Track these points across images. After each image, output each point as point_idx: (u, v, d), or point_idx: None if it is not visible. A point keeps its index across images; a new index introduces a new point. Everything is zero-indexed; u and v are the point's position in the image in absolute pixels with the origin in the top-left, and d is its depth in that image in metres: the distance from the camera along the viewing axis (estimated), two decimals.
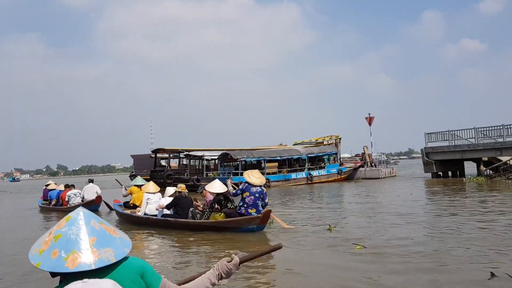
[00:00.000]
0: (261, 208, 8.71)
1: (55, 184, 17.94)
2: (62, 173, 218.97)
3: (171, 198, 10.01)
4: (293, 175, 28.32)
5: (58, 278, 1.61)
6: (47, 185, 17.93)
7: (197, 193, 10.65)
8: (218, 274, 2.05)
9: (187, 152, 29.66)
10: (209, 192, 9.21)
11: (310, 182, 28.35)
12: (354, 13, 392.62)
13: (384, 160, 40.88)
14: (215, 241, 7.94)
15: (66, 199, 15.10)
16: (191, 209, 9.47)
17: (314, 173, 29.17)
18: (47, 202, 16.96)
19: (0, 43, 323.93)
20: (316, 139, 35.75)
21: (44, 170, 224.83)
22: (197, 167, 33.34)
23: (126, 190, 13.40)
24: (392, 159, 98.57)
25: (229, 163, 30.39)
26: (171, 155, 32.29)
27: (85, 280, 1.33)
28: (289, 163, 29.20)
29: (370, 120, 34.09)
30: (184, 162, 35.28)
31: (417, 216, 10.36)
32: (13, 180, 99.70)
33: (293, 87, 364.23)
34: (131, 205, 12.31)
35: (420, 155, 31.05)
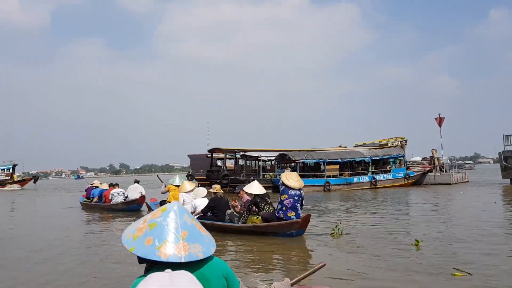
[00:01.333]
0: (300, 212, 8.35)
1: (100, 183, 18.44)
2: (124, 172, 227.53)
3: (204, 200, 9.63)
4: (356, 179, 26.45)
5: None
6: (92, 184, 18.41)
7: (234, 193, 10.24)
8: None
9: (243, 152, 28.61)
10: (246, 193, 8.91)
11: (374, 186, 26.36)
12: (415, 12, 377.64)
13: (456, 164, 37.54)
14: (253, 246, 7.60)
15: (110, 197, 15.47)
16: (228, 211, 9.17)
17: (379, 177, 27.10)
18: (89, 200, 17.37)
19: (68, 46, 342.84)
20: (379, 141, 33.47)
21: (107, 168, 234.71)
22: (253, 168, 32.25)
23: (165, 187, 13.17)
24: (467, 163, 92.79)
25: (287, 165, 28.99)
26: (227, 155, 31.43)
27: (168, 270, 1.34)
28: (351, 166, 27.32)
29: (440, 121, 31.37)
30: (240, 163, 34.37)
31: None
32: (78, 177, 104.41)
33: (349, 88, 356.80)
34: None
35: (488, 160, 28.04)
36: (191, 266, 1.63)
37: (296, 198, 8.28)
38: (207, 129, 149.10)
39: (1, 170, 47.20)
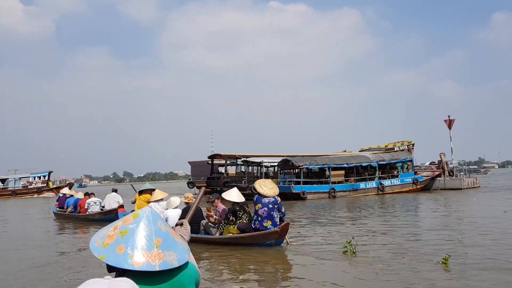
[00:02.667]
0: (277, 220, 8.03)
1: (75, 192, 17.79)
2: (128, 180, 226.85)
3: (177, 211, 8.91)
4: (362, 185, 25.36)
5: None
6: (63, 193, 17.87)
7: (208, 202, 9.75)
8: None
9: (245, 158, 27.55)
10: (226, 200, 8.44)
11: (381, 192, 25.28)
12: (418, 19, 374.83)
13: (466, 168, 36.09)
14: (229, 257, 7.39)
15: (86, 207, 14.88)
16: (203, 221, 8.79)
17: (386, 182, 25.99)
18: (63, 209, 16.72)
19: (72, 56, 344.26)
20: (386, 145, 32.34)
21: (111, 176, 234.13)
22: (255, 174, 31.17)
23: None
24: (483, 167, 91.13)
25: (290, 171, 27.95)
26: (228, 162, 30.43)
27: (108, 277, 1.29)
28: (356, 172, 26.23)
29: (450, 123, 30.30)
30: (242, 169, 33.38)
31: None
32: (80, 186, 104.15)
33: (353, 95, 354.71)
34: None
35: (492, 165, 26.93)
36: (166, 274, 1.58)
37: (271, 206, 7.96)
38: (211, 136, 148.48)
39: (38, 177, 47.20)
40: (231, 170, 34.97)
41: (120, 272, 1.54)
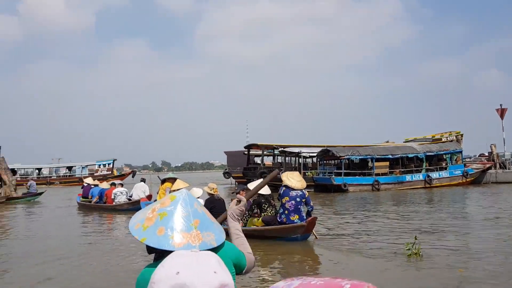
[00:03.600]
0: (304, 214, 7.77)
1: (99, 182, 17.80)
2: (165, 169, 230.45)
3: (199, 200, 7.41)
4: (408, 177, 23.75)
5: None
6: (87, 183, 17.55)
7: (232, 194, 9.34)
8: (233, 218, 2.10)
9: (282, 148, 26.40)
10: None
11: (428, 185, 23.58)
12: (460, 5, 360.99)
13: None
14: (254, 250, 5.31)
15: (112, 197, 14.68)
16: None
17: (434, 175, 24.25)
18: (87, 199, 16.54)
19: (111, 47, 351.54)
20: (432, 135, 30.49)
21: (150, 166, 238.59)
22: (293, 165, 30.04)
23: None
24: None
25: (330, 161, 26.67)
26: (265, 152, 29.43)
27: (194, 250, 1.31)
28: (402, 163, 24.64)
29: (502, 112, 28.15)
30: (279, 160, 32.30)
31: None
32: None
33: (391, 84, 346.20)
34: None
35: None
36: None
37: (298, 199, 7.68)
38: (246, 127, 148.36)
39: (103, 165, 48.06)
40: (268, 160, 34.03)
41: (160, 253, 1.54)
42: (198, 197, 8.74)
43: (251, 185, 8.06)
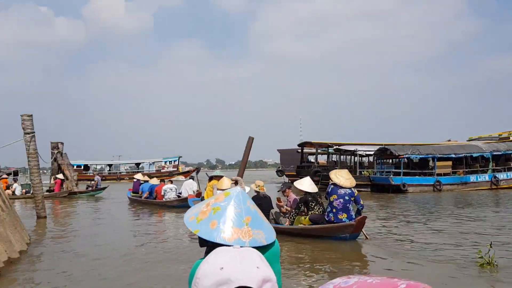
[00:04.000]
0: (353, 213, 7.53)
1: (149, 178, 18.18)
2: (220, 167, 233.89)
3: None
4: (472, 178, 22.30)
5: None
6: (137, 179, 18.04)
7: (278, 192, 9.21)
8: None
9: (337, 146, 25.67)
10: (298, 188, 7.97)
11: (495, 187, 22.02)
12: None
13: None
14: (300, 248, 7.08)
15: (162, 193, 14.95)
16: (272, 210, 8.50)
17: (501, 175, 22.61)
18: (137, 194, 16.98)
19: (169, 47, 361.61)
20: (499, 134, 28.62)
21: (204, 163, 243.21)
22: (348, 164, 29.21)
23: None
24: None
25: (388, 160, 25.66)
26: (318, 150, 28.82)
27: (236, 246, 1.29)
28: (466, 163, 23.20)
29: None
30: (333, 158, 31.55)
31: None
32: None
33: (451, 81, 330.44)
34: None
35: None
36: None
37: (347, 198, 7.48)
38: (300, 125, 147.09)
39: (169, 162, 49.59)
40: (322, 159, 33.36)
41: (211, 247, 1.53)
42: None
43: (298, 184, 7.99)
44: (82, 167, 47.82)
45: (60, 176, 23.51)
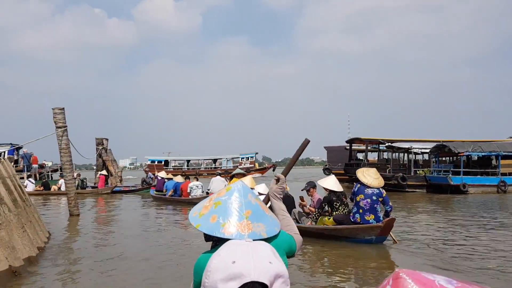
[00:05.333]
0: (380, 215, 7.10)
1: (171, 175, 18.03)
2: (266, 164, 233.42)
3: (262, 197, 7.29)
4: None
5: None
6: (161, 176, 17.75)
7: (302, 191, 8.68)
8: (275, 197, 2.13)
9: (390, 143, 23.91)
10: (323, 187, 7.65)
11: None
12: None
13: None
14: (324, 250, 6.69)
15: (188, 191, 14.88)
16: (295, 210, 8.28)
17: None
18: (161, 192, 16.76)
19: (216, 46, 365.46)
20: None
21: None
22: (401, 162, 27.33)
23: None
24: None
25: (446, 158, 23.68)
26: (368, 147, 27.15)
27: (249, 239, 1.30)
28: None
29: None
30: (385, 156, 29.74)
31: None
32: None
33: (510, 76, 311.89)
34: None
35: None
36: None
37: (374, 198, 7.06)
38: (348, 122, 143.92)
39: (246, 158, 50.01)
40: (372, 157, 31.64)
41: (216, 241, 1.63)
42: (263, 194, 8.25)
43: (322, 182, 7.67)
44: (163, 163, 48.81)
45: (104, 172, 23.40)
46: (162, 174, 18.43)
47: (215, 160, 51.31)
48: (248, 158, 49.54)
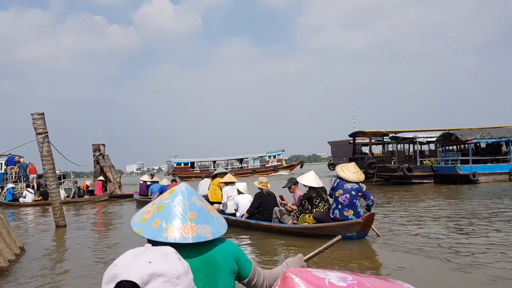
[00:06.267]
0: (360, 210, 6.88)
1: (157, 178, 17.70)
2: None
3: (248, 197, 8.62)
4: None
5: None
6: (144, 180, 17.22)
7: (283, 188, 8.47)
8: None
9: (394, 134, 23.07)
10: (303, 184, 7.49)
11: None
12: None
13: None
14: (304, 249, 6.12)
15: None
16: (276, 208, 8.14)
17: None
18: (146, 196, 16.38)
19: (217, 47, 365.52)
20: None
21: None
22: (406, 154, 26.52)
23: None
24: None
25: (453, 147, 22.83)
26: (372, 140, 26.34)
27: (148, 245, 1.24)
28: None
29: None
30: (389, 149, 28.97)
31: None
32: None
33: None
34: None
35: None
36: (200, 247, 1.62)
37: (354, 193, 6.94)
38: (353, 116, 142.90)
39: (273, 156, 49.74)
40: (377, 150, 30.87)
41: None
42: (243, 193, 8.71)
43: (301, 179, 7.51)
44: (189, 165, 48.93)
45: (101, 178, 22.78)
46: (145, 177, 17.90)
47: (241, 160, 50.95)
48: (275, 156, 49.13)
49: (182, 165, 48.56)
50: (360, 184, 7.02)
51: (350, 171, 7.09)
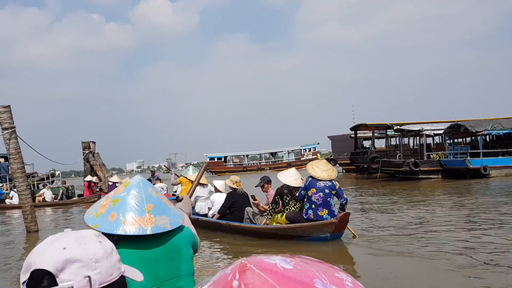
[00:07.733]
0: (334, 209, 6.66)
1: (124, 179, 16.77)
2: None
3: (223, 195, 8.21)
4: None
5: None
6: (113, 181, 16.11)
7: (256, 187, 8.05)
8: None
9: (399, 127, 21.79)
10: (281, 181, 7.06)
11: None
12: None
13: None
14: (278, 248, 6.34)
15: None
16: (248, 209, 7.69)
17: None
18: None
19: (215, 44, 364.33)
20: None
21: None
22: (411, 147, 25.34)
23: (176, 178, 11.08)
24: None
25: (461, 140, 21.71)
26: (375, 133, 25.13)
27: (67, 229, 1.17)
28: None
29: None
30: (392, 142, 27.80)
31: None
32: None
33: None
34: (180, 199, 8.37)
35: None
36: (161, 238, 1.63)
37: (327, 191, 6.60)
38: (352, 111, 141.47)
39: (308, 149, 48.51)
40: (379, 144, 29.70)
41: (116, 241, 1.53)
42: (221, 191, 8.49)
43: (280, 176, 7.14)
44: (222, 159, 48.56)
45: (88, 178, 21.55)
46: (114, 178, 16.93)
47: (274, 154, 50.42)
48: (310, 149, 48.05)
49: (216, 159, 47.81)
50: (334, 182, 6.81)
51: (321, 169, 6.87)
